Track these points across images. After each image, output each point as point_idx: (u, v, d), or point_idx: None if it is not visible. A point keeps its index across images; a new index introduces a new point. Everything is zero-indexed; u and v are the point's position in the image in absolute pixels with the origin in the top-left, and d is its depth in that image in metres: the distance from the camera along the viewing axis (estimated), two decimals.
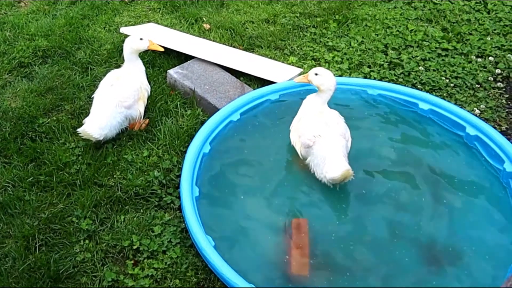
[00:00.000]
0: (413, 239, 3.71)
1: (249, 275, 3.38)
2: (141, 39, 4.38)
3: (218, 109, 4.46)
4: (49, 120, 4.52)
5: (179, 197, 3.89)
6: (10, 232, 3.69)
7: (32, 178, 4.01)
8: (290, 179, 4.04)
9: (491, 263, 3.55)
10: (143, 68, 4.52)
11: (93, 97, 4.38)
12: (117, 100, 4.23)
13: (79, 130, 4.10)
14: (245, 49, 5.39)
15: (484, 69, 5.25)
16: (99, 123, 4.13)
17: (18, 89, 4.85)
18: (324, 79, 4.04)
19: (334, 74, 4.81)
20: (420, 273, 3.53)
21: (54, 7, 5.97)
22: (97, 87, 4.44)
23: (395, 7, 6.11)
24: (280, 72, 4.94)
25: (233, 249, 3.58)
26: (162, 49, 4.56)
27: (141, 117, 4.40)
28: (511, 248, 3.61)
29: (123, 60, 4.50)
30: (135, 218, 3.80)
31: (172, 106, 4.64)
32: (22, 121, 4.48)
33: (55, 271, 3.45)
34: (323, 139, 3.91)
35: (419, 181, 4.05)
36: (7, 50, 5.29)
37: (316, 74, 4.06)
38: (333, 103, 4.22)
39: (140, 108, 4.38)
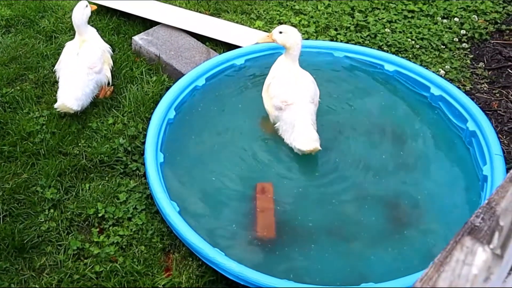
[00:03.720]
0: (378, 199, 3.74)
1: (215, 240, 3.40)
2: (86, 6, 4.34)
3: (183, 75, 4.42)
4: (12, 90, 4.45)
5: (144, 164, 3.87)
6: None
7: None
8: (255, 143, 4.04)
9: (451, 222, 3.58)
10: (95, 30, 4.47)
11: (56, 70, 4.33)
12: (86, 67, 4.18)
13: (56, 105, 4.06)
14: (211, 14, 5.33)
15: (450, 30, 5.25)
16: (74, 94, 4.07)
17: None
18: (288, 36, 4.01)
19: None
20: (385, 234, 3.57)
21: None
22: (57, 60, 4.38)
23: None
24: (246, 37, 4.91)
25: (199, 214, 3.59)
26: (96, 6, 4.61)
27: (109, 82, 4.36)
28: (469, 206, 3.66)
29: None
30: (100, 186, 3.78)
31: (137, 73, 4.59)
32: None
33: (20, 241, 3.44)
34: (293, 105, 3.89)
35: (384, 142, 4.09)
36: None
37: (280, 32, 4.04)
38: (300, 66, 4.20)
39: (107, 72, 4.34)
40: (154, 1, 5.37)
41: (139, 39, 4.83)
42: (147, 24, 5.08)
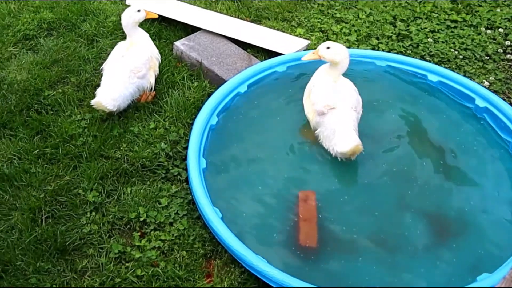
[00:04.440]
0: (422, 210, 3.69)
1: (256, 247, 3.36)
2: (138, 10, 4.34)
3: (225, 81, 4.42)
4: (54, 92, 4.48)
5: (186, 169, 3.86)
6: (17, 205, 3.68)
7: (38, 150, 3.99)
8: (297, 151, 4.01)
9: (498, 235, 3.53)
10: (147, 35, 4.48)
11: (102, 69, 4.37)
12: (129, 70, 4.20)
13: (92, 102, 4.06)
14: (252, 21, 5.33)
15: (494, 41, 5.19)
16: (112, 94, 4.09)
17: (23, 61, 4.81)
18: (336, 52, 3.95)
19: None
20: (429, 246, 3.51)
21: None
22: (105, 59, 4.43)
23: None
24: (287, 44, 4.89)
25: (241, 221, 3.57)
26: (157, 15, 4.54)
27: (151, 88, 4.37)
28: None
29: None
30: (141, 190, 3.78)
31: (179, 78, 4.60)
32: (27, 93, 4.45)
33: (62, 243, 3.45)
34: (334, 111, 3.86)
35: (428, 153, 4.03)
36: (12, 22, 5.24)
37: (328, 48, 3.97)
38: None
39: (151, 78, 4.34)
40: (196, 7, 5.38)
41: (180, 44, 4.84)
42: (188, 29, 5.08)
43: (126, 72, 4.19)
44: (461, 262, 3.40)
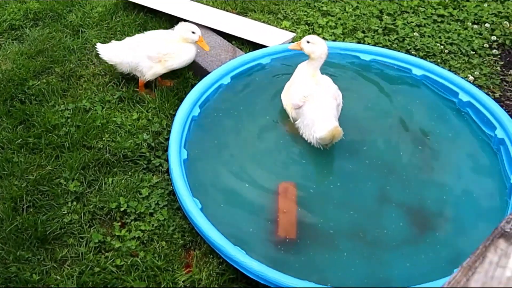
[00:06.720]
0: (402, 203, 3.69)
1: (235, 238, 3.36)
2: (193, 32, 4.32)
3: (208, 73, 4.42)
4: (39, 82, 4.49)
5: (167, 160, 3.86)
6: None
7: (20, 140, 4.00)
8: (279, 143, 4.02)
9: (476, 228, 3.54)
10: (191, 49, 4.40)
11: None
12: (142, 47, 4.31)
13: (97, 44, 4.38)
14: (238, 13, 5.33)
15: (480, 36, 5.19)
16: (114, 49, 4.35)
17: (8, 51, 4.81)
18: (315, 47, 4.00)
19: (327, 39, 4.81)
20: (408, 238, 3.51)
21: None
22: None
23: None
24: (272, 36, 4.89)
25: (220, 212, 3.56)
26: (208, 49, 4.42)
27: (152, 77, 4.38)
28: (497, 214, 3.59)
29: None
30: (123, 181, 3.78)
31: None
32: (12, 83, 4.45)
33: (42, 232, 3.45)
34: (313, 100, 3.87)
35: (410, 146, 4.04)
36: None
37: (308, 42, 4.02)
38: (325, 67, 4.16)
39: (157, 69, 4.33)
40: None
41: None
42: (173, 21, 5.07)
43: (138, 46, 4.33)
44: (440, 255, 3.40)
